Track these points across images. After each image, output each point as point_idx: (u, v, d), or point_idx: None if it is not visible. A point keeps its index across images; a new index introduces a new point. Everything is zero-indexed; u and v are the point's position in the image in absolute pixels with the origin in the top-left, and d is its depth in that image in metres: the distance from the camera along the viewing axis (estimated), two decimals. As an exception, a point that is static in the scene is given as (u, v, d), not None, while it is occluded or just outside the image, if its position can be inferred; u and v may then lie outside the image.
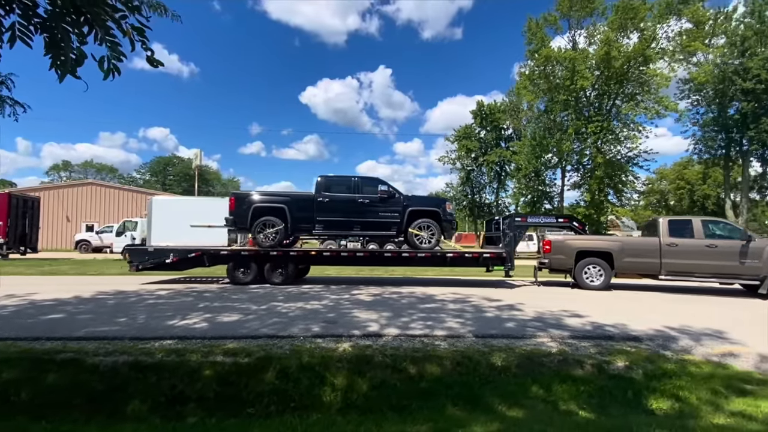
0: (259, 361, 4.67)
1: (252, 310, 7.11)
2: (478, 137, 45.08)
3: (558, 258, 11.22)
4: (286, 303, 7.89)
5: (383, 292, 9.54)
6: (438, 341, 5.37)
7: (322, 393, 4.41)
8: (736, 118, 29.17)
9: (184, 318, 6.42)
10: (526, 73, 31.67)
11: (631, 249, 10.86)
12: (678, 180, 55.17)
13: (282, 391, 4.39)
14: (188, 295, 8.90)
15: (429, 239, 10.85)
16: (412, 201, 11.27)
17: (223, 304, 7.74)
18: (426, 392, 4.42)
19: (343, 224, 10.97)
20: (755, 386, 4.53)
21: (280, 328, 5.82)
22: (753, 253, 9.73)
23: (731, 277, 10.00)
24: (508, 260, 11.22)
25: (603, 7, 28.49)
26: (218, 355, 4.78)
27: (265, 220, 10.72)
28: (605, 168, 28.99)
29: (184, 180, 73.71)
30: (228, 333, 5.52)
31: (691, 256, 10.13)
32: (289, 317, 6.57)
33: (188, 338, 5.28)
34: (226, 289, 10.10)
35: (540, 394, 4.43)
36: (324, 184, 11.04)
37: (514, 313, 7.36)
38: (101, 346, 4.97)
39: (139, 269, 11.06)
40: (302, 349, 4.93)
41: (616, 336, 5.84)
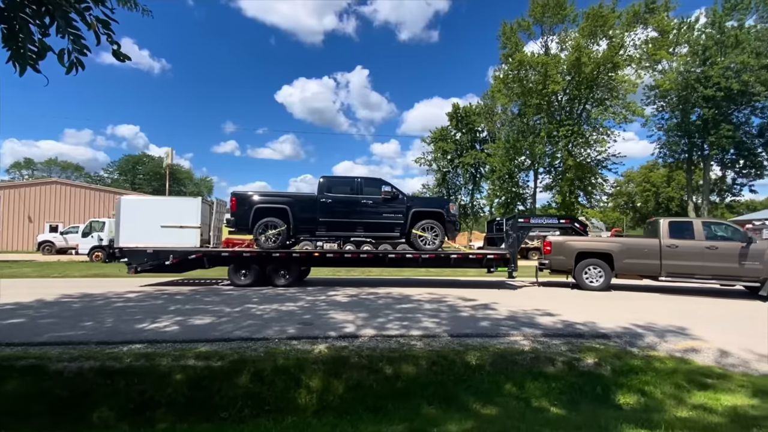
0: (232, 364, 4.59)
1: (225, 313, 6.97)
2: (453, 139, 45.66)
3: (558, 259, 11.23)
4: (260, 305, 7.77)
5: (360, 293, 9.52)
6: (414, 341, 5.39)
7: (298, 395, 4.37)
8: (698, 124, 30.53)
9: (155, 321, 6.24)
10: (501, 76, 32.24)
11: (631, 250, 10.79)
12: (644, 183, 57.32)
13: (256, 394, 4.33)
14: (158, 298, 8.65)
15: (433, 240, 10.76)
16: (416, 202, 11.28)
17: (195, 307, 7.56)
18: (402, 392, 4.44)
19: (346, 225, 10.81)
20: (715, 380, 4.74)
21: (255, 330, 5.73)
22: (753, 255, 9.68)
23: (731, 278, 9.93)
24: (511, 261, 11.14)
25: (574, 14, 29.33)
26: (190, 358, 4.67)
27: (267, 221, 10.53)
28: (576, 170, 29.82)
29: (155, 179, 71.61)
30: (200, 336, 5.40)
31: (691, 258, 10.09)
32: (264, 319, 6.47)
33: (158, 342, 5.14)
34: (198, 291, 9.88)
35: (513, 392, 4.52)
36: (327, 184, 10.87)
37: (488, 312, 7.47)
38: (65, 351, 4.77)
39: (138, 271, 10.78)
40: (277, 352, 4.86)
41: (586, 334, 6.00)
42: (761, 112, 29.72)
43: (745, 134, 30.10)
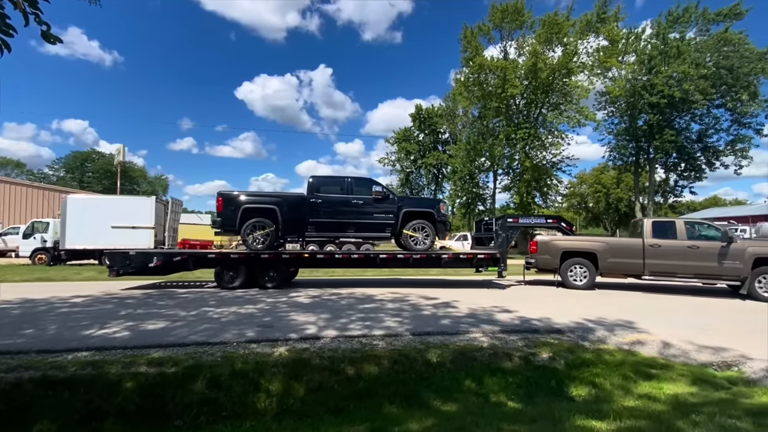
0: (187, 369, 4.42)
1: (180, 317, 6.71)
2: (416, 140, 46.22)
3: (544, 258, 11.41)
4: (218, 308, 7.53)
5: (322, 294, 9.43)
6: (376, 341, 5.40)
7: (257, 400, 4.26)
8: (644, 129, 32.37)
9: (103, 327, 5.91)
10: (462, 79, 32.92)
11: (615, 249, 10.96)
12: (596, 184, 60.17)
13: (213, 400, 4.19)
14: (108, 303, 8.20)
15: (423, 240, 10.74)
16: (407, 202, 11.21)
17: (148, 311, 7.22)
18: (364, 392, 4.43)
19: (337, 226, 10.66)
20: (659, 370, 5.04)
21: (211, 334, 5.54)
22: (734, 255, 9.83)
23: (713, 277, 10.09)
24: (501, 261, 11.21)
25: (531, 21, 30.40)
26: (141, 365, 4.46)
27: (255, 221, 10.27)
28: (532, 172, 30.93)
29: (105, 177, 67.77)
30: (153, 341, 5.16)
31: (673, 257, 10.26)
32: (222, 323, 6.28)
33: (107, 349, 4.87)
34: (152, 294, 9.45)
35: (473, 388, 4.62)
36: (316, 184, 10.70)
37: (449, 310, 7.60)
38: (1, 361, 4.43)
39: (119, 274, 10.30)
40: (235, 356, 4.73)
41: (541, 329, 6.23)
42: (700, 119, 31.93)
43: (686, 139, 32.18)
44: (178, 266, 10.73)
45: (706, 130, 31.94)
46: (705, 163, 32.55)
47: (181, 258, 10.53)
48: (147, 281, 12.02)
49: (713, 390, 4.51)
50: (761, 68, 27.72)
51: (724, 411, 3.79)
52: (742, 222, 33.98)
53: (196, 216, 56.85)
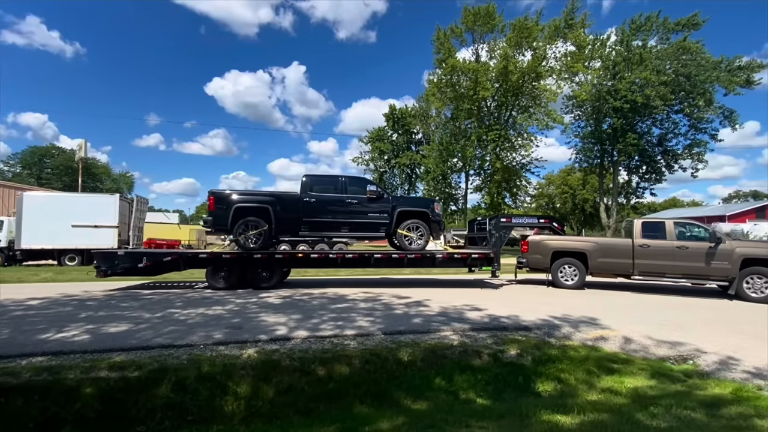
0: (151, 373, 4.28)
1: (144, 319, 6.48)
2: (390, 140, 46.35)
3: (535, 258, 11.47)
4: (184, 309, 7.32)
5: (294, 294, 9.32)
6: (348, 341, 5.38)
7: (224, 403, 4.17)
8: (608, 132, 33.59)
9: (61, 330, 5.64)
10: (435, 80, 33.23)
11: (604, 249, 10.99)
12: (563, 185, 61.98)
13: (178, 404, 4.07)
14: (67, 305, 7.84)
15: (418, 240, 10.70)
16: (401, 201, 11.14)
17: (110, 313, 6.94)
18: (334, 393, 4.40)
19: (331, 225, 10.55)
20: (620, 365, 5.24)
21: (177, 336, 5.38)
22: (722, 255, 9.84)
23: (701, 277, 10.10)
24: (495, 260, 11.22)
25: (502, 25, 30.99)
26: (102, 370, 4.28)
27: (247, 220, 10.08)
28: (503, 173, 31.56)
29: (66, 174, 64.68)
30: (115, 345, 4.96)
31: (662, 257, 10.29)
32: (188, 325, 6.10)
33: (65, 353, 4.65)
34: (115, 296, 9.10)
35: (443, 386, 4.67)
36: (310, 183, 10.57)
37: (421, 309, 7.65)
38: (-54, 369, 4.16)
39: (107, 275, 10.05)
40: (202, 358, 4.61)
41: (510, 326, 6.36)
42: (660, 123, 33.40)
43: (647, 143, 33.60)
44: (169, 266, 10.51)
45: (666, 134, 33.49)
46: (665, 166, 34.08)
47: (171, 258, 10.33)
48: (117, 282, 11.55)
49: (670, 383, 4.72)
50: (716, 76, 29.23)
51: (680, 403, 3.98)
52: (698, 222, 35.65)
53: (163, 215, 55.12)
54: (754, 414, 3.71)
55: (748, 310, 8.58)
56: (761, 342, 5.97)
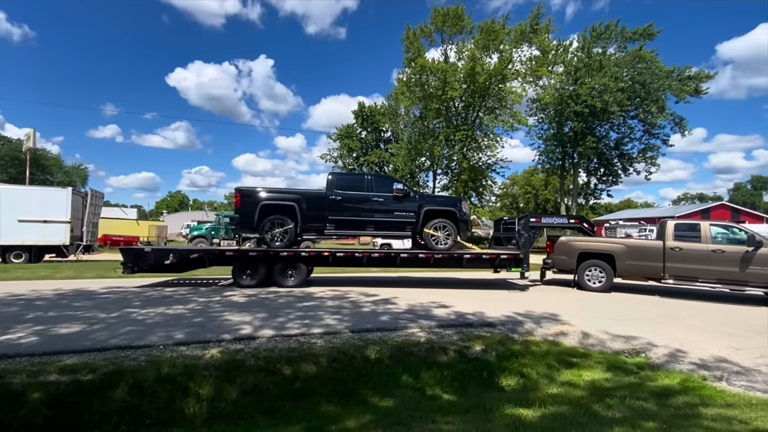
0: (106, 376, 4.08)
1: (99, 319, 6.17)
2: (359, 137, 46.20)
3: (561, 259, 11.22)
4: (143, 309, 7.02)
5: (259, 293, 9.14)
6: (315, 339, 5.33)
7: (185, 405, 4.03)
8: (569, 135, 34.87)
9: (5, 333, 5.28)
10: (404, 79, 33.36)
11: (634, 252, 10.57)
12: (526, 186, 63.80)
13: (135, 407, 3.90)
14: (12, 305, 7.35)
15: (445, 240, 10.50)
16: (428, 200, 11.02)
17: (62, 314, 6.57)
18: (300, 392, 4.35)
19: (357, 224, 10.47)
20: (579, 359, 5.45)
21: (135, 337, 5.16)
22: (761, 260, 9.25)
23: (737, 283, 9.52)
24: (524, 261, 10.86)
25: (471, 27, 31.46)
26: (52, 373, 4.04)
27: (273, 218, 10.04)
28: (469, 173, 32.12)
29: (12, 165, 60.42)
30: (66, 347, 4.69)
31: (695, 261, 9.77)
32: (147, 324, 5.86)
33: (9, 357, 4.36)
34: (66, 295, 8.61)
35: (410, 383, 4.70)
36: (336, 181, 10.54)
37: (388, 306, 7.68)
38: None
39: (134, 271, 10.05)
40: (161, 359, 4.44)
41: (475, 323, 6.49)
42: (617, 128, 35.00)
43: (605, 146, 35.12)
44: (195, 264, 10.43)
45: (622, 138, 35.12)
46: (621, 168, 35.75)
47: (198, 255, 10.28)
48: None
49: (624, 375, 4.96)
50: (668, 85, 30.90)
51: (633, 394, 4.18)
52: (650, 223, 37.70)
53: (120, 210, 52.73)
54: (699, 403, 3.95)
55: (695, 307, 9.14)
56: (706, 335, 6.37)
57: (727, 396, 4.20)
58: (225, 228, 27.23)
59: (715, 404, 3.92)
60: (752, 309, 8.88)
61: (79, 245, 19.09)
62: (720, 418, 3.49)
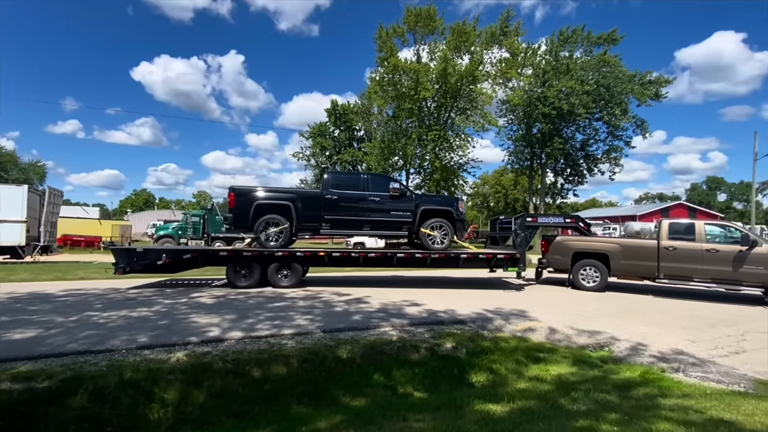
0: (64, 383, 3.89)
1: (57, 323, 5.88)
2: (332, 136, 45.89)
3: (556, 258, 11.26)
4: (105, 312, 6.74)
5: (228, 293, 8.94)
6: (285, 340, 5.26)
7: (149, 411, 3.89)
8: (537, 137, 35.75)
9: (-49, 340, 4.96)
10: (377, 78, 33.33)
11: (628, 251, 10.55)
12: (496, 185, 65.17)
13: (95, 415, 3.74)
14: (-41, 310, 6.91)
15: (442, 239, 10.43)
16: (425, 200, 10.95)
17: (15, 318, 6.22)
18: (270, 394, 4.28)
19: (352, 223, 10.43)
20: (546, 354, 5.60)
21: (96, 341, 4.94)
22: (756, 260, 9.20)
23: (732, 283, 9.48)
24: (521, 261, 10.86)
25: (443, 27, 31.74)
26: (4, 381, 3.82)
27: (268, 218, 9.93)
28: (441, 172, 32.43)
29: (-40, 162, 57.03)
30: (20, 353, 4.45)
31: (689, 260, 9.73)
32: (109, 328, 5.63)
33: (-45, 366, 4.09)
34: (20, 299, 8.16)
35: (381, 381, 4.71)
36: (332, 180, 10.53)
37: (361, 306, 7.67)
38: None
39: (126, 272, 9.85)
40: (124, 364, 4.28)
41: (446, 320, 6.57)
42: (583, 130, 36.10)
43: (571, 147, 36.20)
44: (188, 264, 10.29)
45: (588, 140, 36.25)
46: (586, 169, 36.91)
47: (191, 256, 10.16)
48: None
49: (589, 369, 5.13)
50: (630, 89, 32.15)
51: (597, 387, 4.33)
52: (614, 221, 39.20)
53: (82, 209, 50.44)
54: (659, 394, 4.13)
55: (654, 302, 9.56)
56: (665, 329, 6.67)
57: (683, 387, 4.41)
58: (193, 227, 26.49)
59: (673, 395, 4.10)
60: (709, 304, 9.33)
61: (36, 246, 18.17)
62: (677, 408, 3.65)
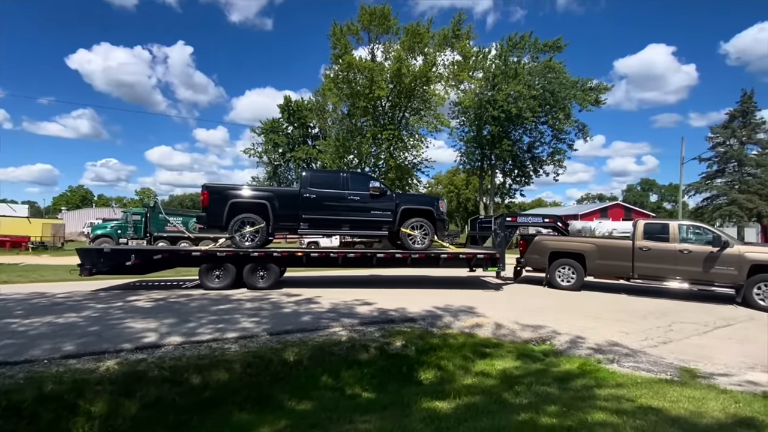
0: (-30, 400, 3.49)
1: (-33, 333, 5.30)
2: (285, 132, 44.93)
3: (533, 258, 11.35)
4: (26, 319, 6.14)
5: (169, 296, 8.46)
6: (228, 344, 5.03)
7: (72, 425, 3.58)
8: (488, 138, 36.90)
9: None
10: (331, 75, 33.00)
11: (603, 251, 10.60)
12: (449, 185, 66.55)
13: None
14: None
15: (422, 239, 10.27)
16: (405, 199, 10.77)
17: None
18: (211, 401, 4.07)
19: (331, 222, 10.18)
20: (492, 349, 5.74)
21: (13, 352, 4.49)
22: (728, 260, 9.24)
23: (704, 283, 9.55)
24: (500, 260, 10.79)
25: (397, 27, 31.92)
26: None
27: (244, 217, 9.59)
28: (396, 171, 32.68)
29: None
30: None
31: (662, 261, 9.84)
32: (29, 337, 5.13)
33: None
34: (-74, 307, 7.29)
35: (329, 383, 4.61)
36: (310, 179, 10.27)
37: (311, 306, 7.52)
38: None
39: (92, 273, 9.36)
40: (45, 375, 3.91)
41: (397, 319, 6.58)
42: (530, 133, 37.69)
43: (519, 149, 37.72)
44: (159, 265, 9.92)
45: (534, 142, 37.93)
46: (532, 170, 38.60)
47: (162, 256, 9.76)
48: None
49: (532, 362, 5.30)
50: (573, 94, 33.93)
51: (539, 380, 4.48)
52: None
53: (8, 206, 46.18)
54: (595, 385, 4.33)
55: (589, 296, 10.09)
56: (602, 323, 7.05)
57: (617, 377, 4.66)
58: (134, 226, 24.96)
59: (608, 385, 4.32)
60: (640, 299, 9.98)
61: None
62: (611, 398, 3.84)
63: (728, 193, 39.62)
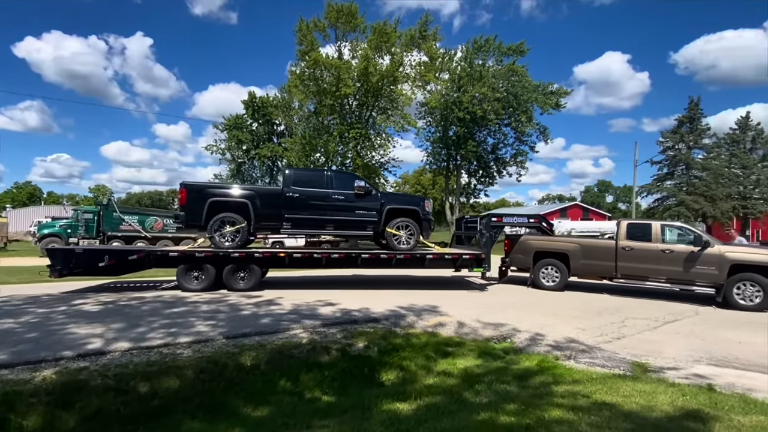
0: None
1: None
2: (250, 129, 43.87)
3: (518, 257, 11.36)
4: (-45, 326, 5.64)
5: (119, 299, 8.01)
6: (181, 349, 4.79)
7: (1, 443, 3.28)
8: (453, 139, 37.44)
9: None
10: (297, 72, 32.46)
11: (587, 251, 10.64)
12: (416, 185, 67.09)
13: None
14: None
15: (408, 239, 10.11)
16: (390, 199, 10.60)
17: None
18: (159, 410, 3.84)
19: (315, 222, 9.96)
20: (454, 348, 5.74)
21: (-66, 363, 4.08)
22: (709, 260, 9.30)
23: (685, 282, 9.61)
24: (486, 261, 10.79)
25: (364, 26, 31.78)
26: None
27: (223, 216, 9.34)
28: (363, 170, 32.52)
29: None
30: None
31: (645, 261, 9.89)
32: (-44, 345, 4.70)
33: None
34: None
35: (287, 387, 4.47)
36: (293, 177, 10.10)
37: (271, 308, 7.31)
38: None
39: (63, 275, 9.06)
40: (-31, 389, 3.56)
41: (360, 319, 6.49)
42: (494, 134, 38.58)
43: (483, 150, 38.51)
44: (134, 266, 9.66)
45: (498, 144, 38.82)
46: (496, 171, 39.48)
47: (137, 257, 9.46)
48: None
49: (493, 360, 5.33)
50: (535, 98, 34.97)
51: (499, 378, 4.51)
52: (520, 220, 42.19)
53: (-59, 204, 42.73)
54: (553, 381, 4.40)
55: (549, 294, 10.35)
56: (560, 320, 7.23)
57: (574, 373, 4.75)
58: (86, 225, 23.61)
59: (565, 381, 4.40)
60: (597, 295, 10.32)
61: None
62: (568, 394, 3.91)
63: (677, 194, 42.02)
